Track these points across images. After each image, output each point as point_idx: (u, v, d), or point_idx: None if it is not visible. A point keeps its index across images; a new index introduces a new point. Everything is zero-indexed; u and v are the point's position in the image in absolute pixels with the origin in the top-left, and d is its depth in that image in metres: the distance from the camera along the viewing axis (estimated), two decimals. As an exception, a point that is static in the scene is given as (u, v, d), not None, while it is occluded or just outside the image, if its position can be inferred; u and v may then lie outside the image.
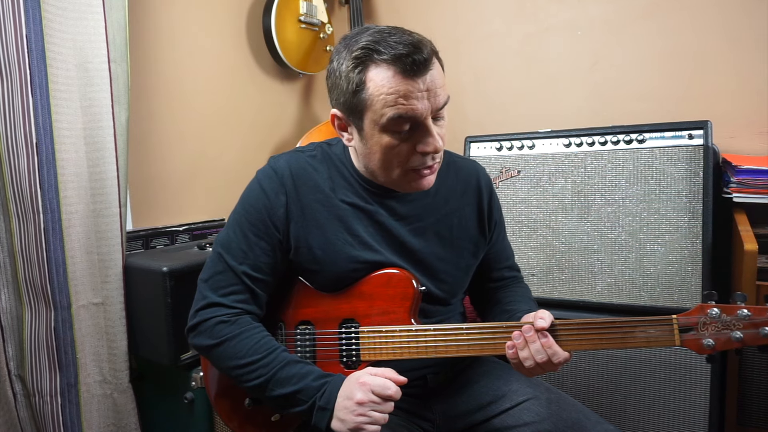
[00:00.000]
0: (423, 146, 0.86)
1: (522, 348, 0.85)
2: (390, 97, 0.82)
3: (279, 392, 0.87)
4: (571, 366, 1.50)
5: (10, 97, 1.16)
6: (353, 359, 0.94)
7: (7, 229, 1.21)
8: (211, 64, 1.85)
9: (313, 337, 0.97)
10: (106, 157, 1.31)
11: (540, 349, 0.83)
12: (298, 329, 0.98)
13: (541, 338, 0.84)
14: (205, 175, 1.84)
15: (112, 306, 1.32)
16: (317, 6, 2.08)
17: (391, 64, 0.81)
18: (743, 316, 0.78)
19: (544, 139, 1.57)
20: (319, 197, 0.96)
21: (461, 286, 1.07)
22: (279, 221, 0.94)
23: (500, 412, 0.99)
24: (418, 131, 0.86)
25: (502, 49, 2.04)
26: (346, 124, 0.92)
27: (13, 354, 1.24)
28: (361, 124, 0.87)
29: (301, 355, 0.96)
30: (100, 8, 1.28)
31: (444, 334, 0.90)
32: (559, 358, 0.83)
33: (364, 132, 0.88)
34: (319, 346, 0.97)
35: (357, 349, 0.94)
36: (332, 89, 0.90)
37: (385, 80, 0.82)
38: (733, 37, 1.67)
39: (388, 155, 0.88)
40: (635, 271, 1.45)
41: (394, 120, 0.83)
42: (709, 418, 1.35)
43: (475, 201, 1.07)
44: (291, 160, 0.98)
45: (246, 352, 0.90)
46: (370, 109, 0.85)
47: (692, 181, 1.39)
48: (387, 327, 0.93)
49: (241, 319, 0.93)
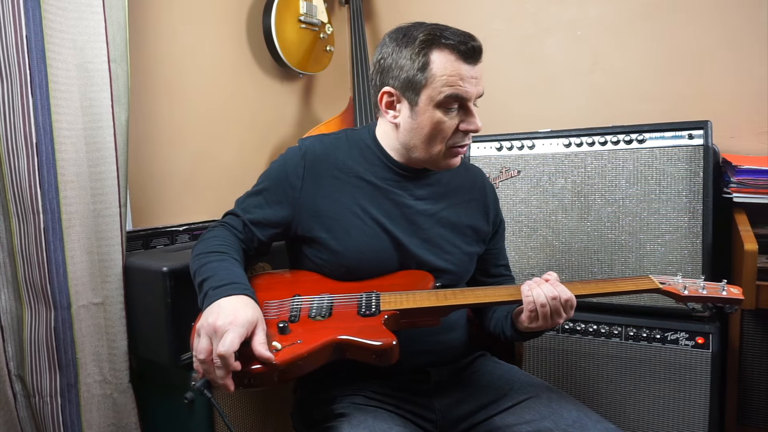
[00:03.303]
0: (466, 125, 0.98)
1: (535, 287, 0.93)
2: (451, 78, 0.95)
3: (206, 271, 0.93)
4: (571, 366, 1.50)
5: (10, 97, 1.16)
6: (372, 309, 0.93)
7: (7, 229, 1.21)
8: (211, 64, 1.85)
9: (332, 299, 0.98)
10: (106, 157, 1.31)
11: (549, 288, 0.93)
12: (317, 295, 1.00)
13: (550, 283, 0.94)
14: (205, 175, 1.84)
15: (112, 306, 1.32)
16: (317, 6, 2.08)
17: (454, 49, 0.95)
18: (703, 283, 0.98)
19: (544, 139, 1.57)
20: (336, 173, 1.04)
21: (467, 270, 1.13)
22: (295, 191, 1.03)
23: (501, 411, 0.99)
24: (463, 111, 0.98)
25: (502, 49, 2.04)
26: (396, 102, 1.01)
27: (13, 354, 1.24)
28: (417, 100, 0.98)
29: (317, 311, 0.94)
30: (100, 8, 1.28)
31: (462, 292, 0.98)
32: (566, 294, 0.93)
33: (418, 108, 0.98)
34: (336, 303, 0.97)
35: (377, 300, 0.95)
36: (386, 71, 1.00)
37: (448, 62, 0.95)
38: (733, 37, 1.67)
39: (435, 129, 0.98)
40: (635, 271, 1.45)
41: (450, 98, 0.95)
42: (709, 418, 1.35)
43: (482, 197, 1.17)
44: (317, 140, 1.09)
45: (205, 244, 1.00)
46: (430, 86, 0.96)
47: (692, 181, 1.39)
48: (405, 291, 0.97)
49: (221, 230, 1.05)
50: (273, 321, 0.91)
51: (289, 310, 0.95)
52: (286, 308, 0.96)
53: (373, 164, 1.06)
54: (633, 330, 1.43)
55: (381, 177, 1.05)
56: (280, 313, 0.94)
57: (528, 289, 0.94)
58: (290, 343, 0.86)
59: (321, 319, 0.93)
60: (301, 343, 0.87)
